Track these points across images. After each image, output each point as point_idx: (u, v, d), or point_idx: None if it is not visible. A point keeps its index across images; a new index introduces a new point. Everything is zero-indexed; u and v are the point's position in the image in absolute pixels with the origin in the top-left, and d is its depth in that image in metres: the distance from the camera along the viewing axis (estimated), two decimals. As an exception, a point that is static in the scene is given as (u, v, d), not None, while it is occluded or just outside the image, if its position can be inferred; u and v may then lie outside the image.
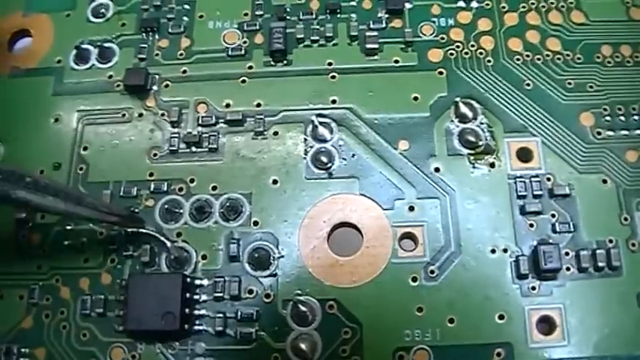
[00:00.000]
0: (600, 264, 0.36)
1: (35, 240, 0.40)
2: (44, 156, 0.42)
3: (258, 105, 0.41)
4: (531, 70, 0.40)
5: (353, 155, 0.39)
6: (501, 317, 0.36)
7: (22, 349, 0.38)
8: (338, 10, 0.42)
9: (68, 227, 0.40)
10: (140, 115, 0.42)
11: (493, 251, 0.37)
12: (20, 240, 0.40)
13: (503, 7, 0.42)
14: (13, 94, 0.44)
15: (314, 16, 0.42)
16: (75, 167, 0.41)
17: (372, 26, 0.42)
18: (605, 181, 0.38)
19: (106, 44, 0.44)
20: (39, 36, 0.45)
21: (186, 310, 0.37)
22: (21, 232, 0.40)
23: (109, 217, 0.37)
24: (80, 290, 0.39)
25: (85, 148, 0.42)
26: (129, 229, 0.39)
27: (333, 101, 0.41)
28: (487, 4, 0.42)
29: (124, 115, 0.42)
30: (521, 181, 0.38)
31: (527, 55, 0.41)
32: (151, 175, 0.40)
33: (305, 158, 0.39)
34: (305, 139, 0.40)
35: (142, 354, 0.37)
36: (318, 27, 0.42)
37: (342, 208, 0.38)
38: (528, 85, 0.40)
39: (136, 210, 0.40)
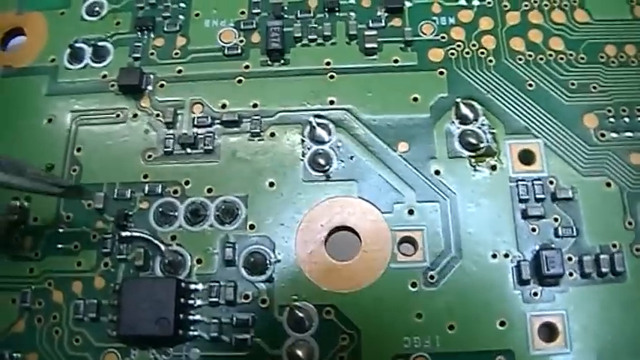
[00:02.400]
0: (604, 269, 0.35)
1: (27, 243, 0.39)
2: (37, 157, 0.41)
3: (255, 105, 0.40)
4: (534, 70, 0.40)
5: (351, 157, 0.39)
6: (502, 324, 0.35)
7: (14, 354, 0.37)
8: (336, 9, 0.42)
9: (61, 230, 0.39)
10: (134, 115, 0.41)
11: (494, 256, 0.36)
12: (12, 243, 0.39)
13: (505, 6, 0.41)
14: (6, 94, 0.43)
15: (312, 15, 0.42)
16: (68, 169, 0.40)
17: (371, 25, 0.41)
18: (608, 184, 0.37)
19: (100, 43, 0.43)
20: (33, 34, 0.44)
21: (181, 316, 0.36)
22: (13, 234, 0.40)
23: (52, 189, 0.36)
24: (73, 294, 0.38)
25: (79, 149, 0.41)
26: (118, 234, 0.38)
27: (332, 102, 0.40)
28: (489, 3, 0.41)
29: (118, 115, 0.41)
30: (523, 185, 0.37)
31: (530, 55, 0.40)
32: (146, 177, 0.40)
33: (302, 160, 0.39)
34: (302, 141, 0.39)
35: (136, 359, 0.37)
36: (316, 26, 0.41)
37: (339, 211, 0.38)
38: (531, 85, 0.39)
39: (130, 213, 0.39)
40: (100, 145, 0.41)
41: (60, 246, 0.39)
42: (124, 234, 0.38)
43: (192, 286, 0.37)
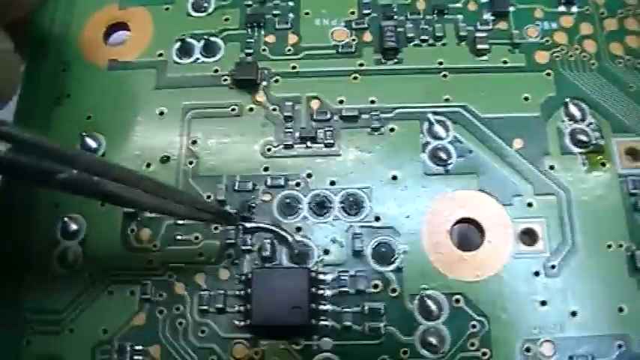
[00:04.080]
0: None
1: (145, 235, 0.39)
2: (150, 149, 0.41)
3: (372, 102, 0.41)
4: (633, 73, 0.42)
5: (470, 152, 0.40)
6: (620, 310, 0.37)
7: (136, 347, 0.37)
8: (445, 11, 0.43)
9: (180, 222, 0.39)
10: (250, 109, 0.42)
11: (609, 246, 0.38)
12: (129, 234, 0.39)
13: (602, 13, 0.44)
14: (112, 87, 0.43)
15: (422, 16, 0.43)
16: (185, 161, 0.41)
17: (479, 27, 0.43)
18: None
19: (211, 38, 0.43)
20: (137, 29, 0.44)
21: (312, 305, 0.37)
22: (129, 226, 0.39)
23: (202, 215, 0.36)
24: (196, 285, 0.38)
25: (194, 142, 0.41)
26: (239, 225, 0.39)
27: (447, 99, 0.41)
28: (587, 10, 0.44)
29: (233, 109, 0.42)
30: (632, 179, 0.39)
31: (629, 60, 0.42)
32: (266, 169, 0.40)
33: (424, 154, 0.40)
34: (421, 136, 0.40)
35: (266, 350, 0.37)
36: (426, 27, 0.43)
37: (462, 204, 0.39)
38: (632, 87, 0.42)
39: (253, 205, 0.39)
40: (217, 138, 0.41)
41: (179, 237, 0.39)
42: (248, 225, 0.39)
43: (322, 277, 0.38)
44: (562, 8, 0.44)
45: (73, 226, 0.40)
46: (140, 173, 0.33)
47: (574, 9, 0.44)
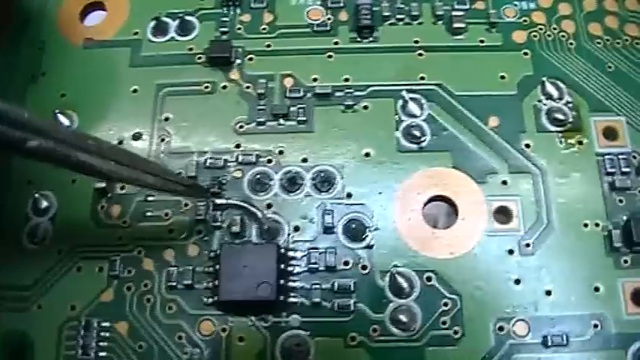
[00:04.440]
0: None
1: (115, 212, 0.39)
2: (123, 126, 0.41)
3: (347, 80, 0.41)
4: (612, 53, 0.42)
5: (444, 130, 0.40)
6: (596, 289, 0.36)
7: (103, 323, 0.37)
8: (422, -10, 0.43)
9: (150, 199, 0.39)
10: (224, 87, 0.41)
11: (586, 225, 0.38)
12: (99, 211, 0.39)
13: (581, -7, 0.43)
14: (87, 65, 0.43)
15: (398, -5, 0.43)
16: (157, 137, 0.40)
17: (456, 7, 0.42)
18: (689, 159, 0.39)
19: (186, 17, 0.43)
20: (113, 9, 0.44)
21: (281, 282, 0.36)
22: (99, 203, 0.39)
23: (174, 186, 0.35)
24: (165, 262, 0.38)
25: (167, 119, 0.41)
26: (210, 199, 0.38)
27: (422, 78, 0.41)
28: (566, -10, 0.44)
29: (207, 87, 0.41)
30: (609, 159, 0.39)
31: (608, 40, 0.42)
32: (238, 146, 0.40)
33: (397, 132, 0.40)
34: (396, 114, 0.40)
35: (233, 327, 0.36)
36: (402, 6, 0.43)
37: (435, 181, 0.38)
38: (610, 67, 0.41)
39: (223, 181, 0.39)
40: (190, 116, 0.41)
41: (150, 214, 0.39)
42: (218, 201, 0.38)
43: (291, 253, 0.37)
44: (541, -12, 0.43)
45: (44, 203, 0.39)
46: (113, 144, 0.33)
47: (553, -12, 0.43)
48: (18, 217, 0.39)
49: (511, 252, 0.37)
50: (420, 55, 0.42)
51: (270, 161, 0.39)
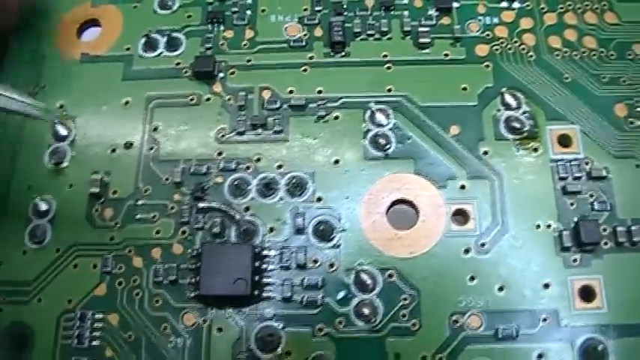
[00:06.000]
0: (635, 239, 0.40)
1: (108, 214, 0.43)
2: (116, 136, 0.44)
3: (320, 92, 0.44)
4: (569, 65, 0.44)
5: (408, 138, 0.43)
6: (547, 286, 0.39)
7: (97, 315, 0.41)
8: (392, 8, 0.46)
9: (140, 202, 0.43)
10: (208, 99, 0.45)
11: (538, 227, 0.40)
12: (93, 214, 0.43)
13: (543, 8, 0.46)
14: (84, 78, 0.46)
15: (369, 13, 0.46)
16: (147, 146, 0.44)
17: (423, 22, 0.45)
18: (638, 166, 0.42)
19: (174, 34, 0.47)
20: (108, 25, 0.48)
21: (256, 278, 0.40)
22: (94, 206, 0.43)
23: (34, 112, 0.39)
24: (152, 259, 0.41)
25: (156, 129, 0.44)
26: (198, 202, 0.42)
27: (389, 90, 0.44)
28: (528, 5, 0.46)
29: (192, 99, 0.45)
30: (562, 165, 0.42)
31: (566, 52, 0.45)
32: (220, 154, 0.43)
33: (364, 140, 0.43)
34: (364, 124, 0.43)
35: (213, 318, 0.40)
36: (373, 22, 0.46)
37: (399, 186, 0.42)
38: (567, 78, 0.44)
39: (206, 186, 0.42)
40: (176, 126, 0.44)
41: (139, 216, 0.42)
42: (201, 205, 0.42)
43: (266, 252, 0.41)
44: (504, 4, 0.46)
45: (44, 206, 0.43)
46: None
47: (516, 4, 0.46)
48: (20, 219, 0.43)
49: (467, 251, 0.40)
50: (389, 68, 0.45)
51: (248, 168, 0.43)
